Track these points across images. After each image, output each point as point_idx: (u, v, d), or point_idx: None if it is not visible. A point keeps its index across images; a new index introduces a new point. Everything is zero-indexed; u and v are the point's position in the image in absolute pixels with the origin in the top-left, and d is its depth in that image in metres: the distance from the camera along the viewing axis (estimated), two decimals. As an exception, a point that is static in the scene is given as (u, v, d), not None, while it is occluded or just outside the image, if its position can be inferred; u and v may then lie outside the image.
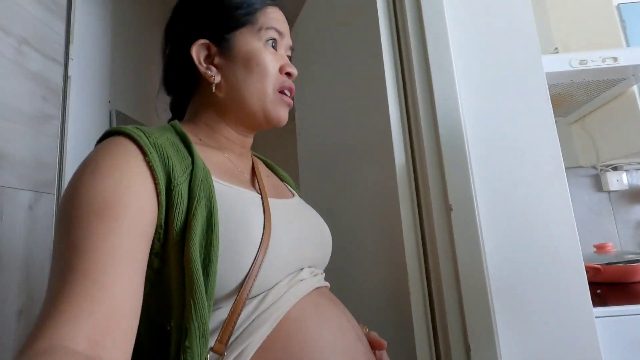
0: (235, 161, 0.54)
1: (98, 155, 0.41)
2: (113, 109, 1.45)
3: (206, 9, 0.53)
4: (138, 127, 0.44)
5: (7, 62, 0.96)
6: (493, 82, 0.79)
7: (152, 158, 0.41)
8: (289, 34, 0.57)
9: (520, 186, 0.75)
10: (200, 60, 0.51)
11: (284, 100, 0.54)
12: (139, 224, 0.37)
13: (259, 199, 0.47)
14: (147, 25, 1.82)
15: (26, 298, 0.97)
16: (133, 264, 0.36)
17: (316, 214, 0.60)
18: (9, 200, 0.94)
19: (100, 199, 0.36)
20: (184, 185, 0.41)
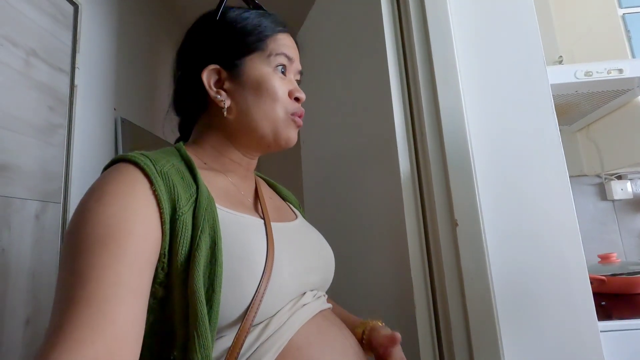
0: (238, 184, 0.54)
1: (104, 182, 0.41)
2: (118, 116, 1.46)
3: (218, 35, 0.53)
4: (144, 153, 0.44)
5: (15, 74, 0.97)
6: (498, 93, 0.79)
7: (158, 187, 0.41)
8: (298, 59, 0.57)
9: (526, 199, 0.75)
10: (210, 85, 0.52)
11: (295, 122, 0.54)
12: (143, 252, 0.37)
13: (261, 224, 0.48)
14: (152, 33, 1.83)
15: (33, 307, 0.98)
16: (136, 293, 0.36)
17: (318, 236, 0.61)
18: (16, 210, 0.95)
19: (105, 226, 0.36)
20: (189, 214, 0.41)
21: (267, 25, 0.53)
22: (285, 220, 0.56)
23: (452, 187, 0.72)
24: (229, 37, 0.52)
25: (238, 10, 0.55)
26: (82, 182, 1.20)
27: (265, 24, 0.53)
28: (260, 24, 0.53)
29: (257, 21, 0.53)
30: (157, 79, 1.84)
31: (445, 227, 0.70)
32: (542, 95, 0.79)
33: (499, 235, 0.72)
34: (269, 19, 0.55)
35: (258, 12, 0.55)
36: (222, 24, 0.54)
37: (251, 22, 0.53)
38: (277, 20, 0.56)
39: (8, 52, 0.95)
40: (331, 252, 0.59)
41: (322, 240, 0.60)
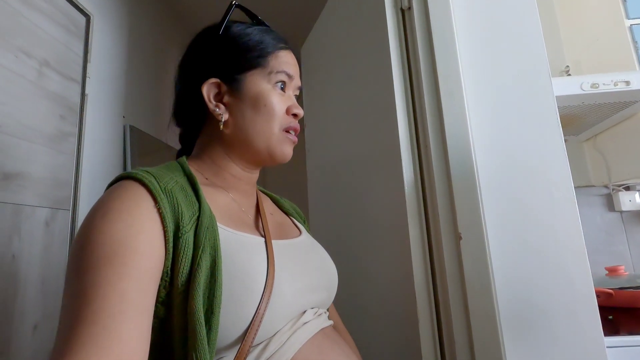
0: (240, 200, 0.55)
1: (109, 199, 0.41)
2: (127, 124, 1.49)
3: (220, 50, 0.54)
4: (148, 170, 0.45)
5: (28, 84, 1.00)
6: (503, 105, 0.79)
7: (163, 205, 0.41)
8: (298, 76, 0.58)
9: (531, 212, 0.74)
10: (210, 98, 0.52)
11: (289, 138, 0.54)
12: (147, 270, 0.38)
13: (262, 243, 0.48)
14: (160, 42, 1.86)
15: (41, 313, 0.99)
16: (141, 310, 0.36)
17: (322, 252, 0.60)
18: (27, 217, 0.97)
19: (110, 244, 0.37)
20: (190, 233, 0.41)
21: (269, 42, 0.54)
22: (288, 237, 0.56)
23: (456, 201, 0.72)
24: (231, 52, 0.53)
25: (241, 26, 0.56)
26: (91, 189, 1.22)
27: (267, 40, 0.54)
28: (263, 41, 0.54)
29: (259, 37, 0.54)
30: (165, 87, 1.87)
31: (449, 241, 0.71)
32: (547, 107, 0.79)
33: (503, 249, 0.72)
34: (271, 36, 0.56)
35: (261, 28, 0.56)
36: (224, 38, 0.54)
37: (254, 38, 0.54)
38: (279, 37, 0.57)
39: (22, 63, 0.98)
40: (334, 269, 0.59)
41: (326, 256, 0.60)
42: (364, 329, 0.90)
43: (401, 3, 0.86)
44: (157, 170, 0.46)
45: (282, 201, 0.69)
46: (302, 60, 1.48)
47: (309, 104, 1.37)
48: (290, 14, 2.06)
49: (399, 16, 0.87)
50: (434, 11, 0.81)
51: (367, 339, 0.86)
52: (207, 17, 2.04)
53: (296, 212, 0.69)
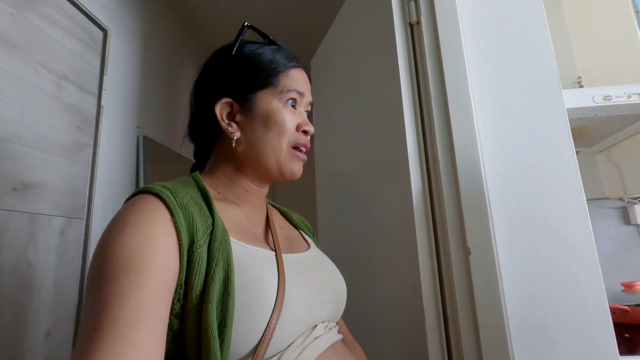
0: (251, 215, 0.56)
1: (126, 212, 0.43)
2: (140, 134, 1.52)
3: (232, 70, 0.56)
4: (165, 185, 0.46)
5: (47, 97, 1.03)
6: (513, 118, 0.78)
7: (178, 219, 0.42)
8: (309, 92, 0.59)
9: (542, 226, 0.73)
10: (222, 117, 0.54)
11: (298, 156, 0.56)
12: (163, 280, 0.39)
13: (272, 256, 0.49)
14: (174, 53, 1.91)
15: (54, 320, 1.01)
16: (157, 319, 0.37)
17: (331, 265, 0.61)
18: (42, 226, 0.99)
19: (127, 255, 0.38)
20: (204, 247, 0.43)
21: (280, 61, 0.55)
22: (297, 251, 0.57)
23: (465, 215, 0.71)
24: (243, 72, 0.55)
25: (253, 46, 0.57)
26: (104, 198, 1.24)
27: (278, 59, 0.56)
28: (274, 60, 0.55)
29: (271, 57, 0.55)
30: (179, 97, 1.91)
31: (458, 256, 0.70)
32: (557, 119, 0.78)
33: (514, 264, 0.71)
34: (283, 55, 0.57)
35: (273, 47, 0.58)
36: (237, 58, 0.56)
37: (265, 57, 0.55)
38: (291, 55, 0.58)
39: (42, 76, 1.01)
40: (343, 282, 0.60)
41: (335, 270, 0.60)
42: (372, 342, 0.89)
43: (410, 17, 0.87)
44: (173, 185, 0.48)
45: (291, 214, 0.70)
46: (312, 71, 1.50)
47: (318, 115, 1.38)
48: (301, 26, 2.09)
49: (407, 30, 0.88)
50: (443, 25, 0.82)
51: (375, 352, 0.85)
52: (220, 29, 2.09)
53: (305, 226, 0.70)
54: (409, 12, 0.87)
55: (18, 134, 0.93)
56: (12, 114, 0.91)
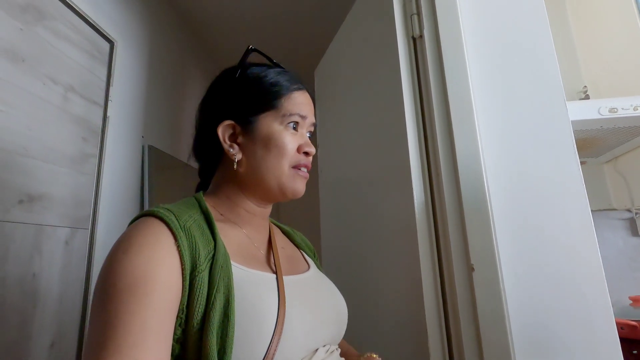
0: (253, 236, 0.56)
1: (130, 234, 0.43)
2: (146, 144, 1.54)
3: (236, 92, 0.56)
4: (168, 208, 0.47)
5: (54, 109, 1.05)
6: (517, 131, 0.78)
7: (182, 243, 0.43)
8: (312, 113, 0.59)
9: (546, 240, 0.73)
10: (225, 139, 0.55)
11: (299, 174, 0.56)
12: (167, 301, 0.40)
13: (273, 280, 0.49)
14: (180, 62, 1.93)
15: (58, 332, 1.02)
16: (161, 339, 0.38)
17: (331, 286, 0.61)
18: (48, 237, 1.00)
19: (132, 276, 0.39)
20: (206, 272, 0.43)
21: (283, 84, 0.56)
22: (297, 272, 0.57)
23: (468, 232, 0.71)
24: (246, 95, 0.56)
25: (257, 69, 0.58)
26: (109, 208, 1.25)
27: (281, 82, 0.56)
28: (277, 83, 0.56)
29: (274, 80, 0.56)
30: (183, 106, 1.92)
31: (461, 273, 0.69)
32: (562, 132, 0.77)
33: (518, 280, 0.70)
34: (286, 77, 0.57)
35: (276, 70, 0.58)
36: (241, 81, 0.57)
37: (268, 81, 0.56)
38: (294, 78, 0.58)
39: (49, 89, 1.03)
40: (344, 303, 0.60)
41: (335, 290, 0.60)
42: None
43: (413, 31, 0.87)
44: (177, 207, 0.48)
45: (294, 234, 0.70)
46: (316, 81, 1.50)
47: (321, 125, 1.39)
48: (305, 37, 2.10)
49: (410, 44, 0.88)
50: (445, 39, 0.82)
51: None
52: (226, 39, 2.11)
53: (307, 246, 0.70)
54: (412, 25, 0.87)
55: (25, 147, 0.94)
56: (19, 127, 0.93)
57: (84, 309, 1.11)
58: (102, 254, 1.18)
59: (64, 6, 1.11)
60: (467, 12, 0.84)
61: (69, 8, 1.12)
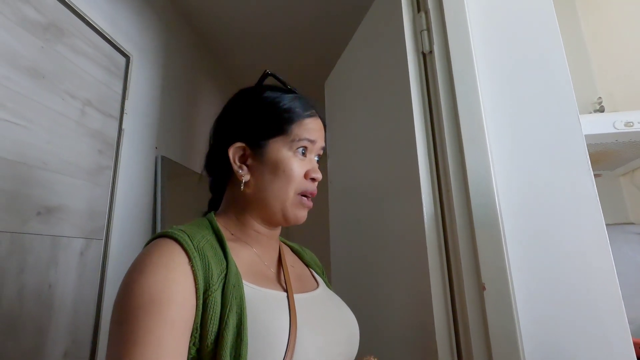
0: (263, 255, 0.57)
1: (146, 255, 0.45)
2: (159, 155, 1.57)
3: (248, 115, 0.58)
4: (182, 229, 0.48)
5: (72, 123, 1.08)
6: (528, 146, 0.77)
7: (196, 263, 0.44)
8: (322, 138, 0.60)
9: (560, 259, 0.71)
10: (234, 160, 0.56)
11: (303, 203, 0.57)
12: (181, 319, 0.41)
13: (284, 298, 0.49)
14: (192, 73, 1.97)
15: (72, 341, 1.04)
16: (176, 355, 0.39)
17: (341, 304, 0.61)
18: (64, 248, 1.03)
19: (147, 294, 0.41)
20: (218, 291, 0.44)
21: (295, 110, 0.57)
22: (307, 290, 0.57)
23: (480, 250, 0.70)
24: (258, 118, 0.57)
25: (272, 94, 0.59)
26: (123, 218, 1.28)
27: (294, 108, 0.57)
28: (289, 109, 0.57)
29: (287, 106, 0.57)
30: (195, 116, 1.96)
31: (471, 291, 0.68)
32: (575, 148, 0.76)
33: (530, 298, 0.69)
34: (299, 103, 0.58)
35: (290, 95, 0.59)
36: (255, 104, 0.58)
37: (281, 106, 0.57)
38: (307, 104, 0.59)
39: (67, 104, 1.06)
40: (355, 321, 0.60)
41: (346, 309, 0.60)
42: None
43: (422, 47, 0.88)
44: (190, 228, 0.50)
45: (303, 252, 0.71)
46: (326, 93, 1.52)
47: (331, 136, 1.40)
48: (315, 49, 2.13)
49: (420, 60, 0.88)
50: (455, 55, 0.82)
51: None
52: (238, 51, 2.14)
53: (315, 264, 0.71)
54: (422, 41, 0.88)
55: (44, 160, 0.97)
56: (39, 142, 0.96)
57: (97, 319, 1.13)
58: (115, 264, 1.20)
59: (83, 23, 1.15)
60: (477, 27, 0.84)
61: (87, 25, 1.16)
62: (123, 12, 1.36)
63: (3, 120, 0.87)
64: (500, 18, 0.85)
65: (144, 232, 1.41)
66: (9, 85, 0.89)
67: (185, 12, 1.85)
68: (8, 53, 0.89)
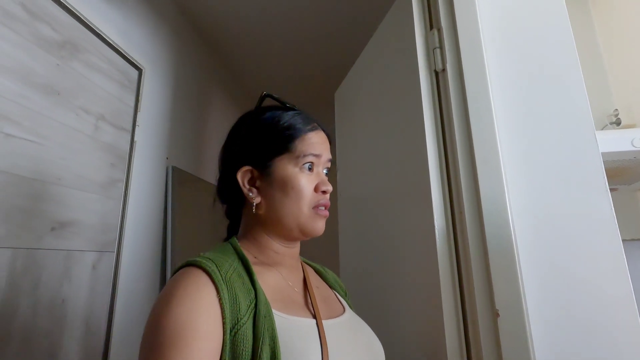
0: (288, 276, 0.57)
1: (173, 285, 0.45)
2: (170, 165, 1.58)
3: (251, 138, 0.59)
4: (210, 257, 0.49)
5: (86, 138, 1.09)
6: (544, 168, 0.75)
7: (223, 296, 0.44)
8: (327, 151, 0.60)
9: (576, 284, 0.69)
10: (244, 183, 0.57)
11: (319, 214, 0.57)
12: (208, 351, 0.41)
13: (314, 326, 0.49)
14: (203, 83, 1.98)
15: (84, 354, 1.05)
16: None
17: (367, 329, 0.60)
18: (76, 262, 1.04)
19: (173, 327, 0.41)
20: (249, 323, 0.44)
21: (297, 127, 0.57)
22: (334, 315, 0.57)
23: (493, 274, 0.69)
24: (261, 140, 0.57)
25: (271, 114, 0.59)
26: (134, 230, 1.29)
27: (295, 124, 0.57)
28: (291, 126, 0.57)
29: (288, 123, 0.57)
30: (206, 125, 1.97)
31: (485, 319, 0.67)
32: (592, 168, 0.74)
33: (546, 327, 0.67)
34: (300, 119, 0.58)
35: (290, 113, 0.59)
36: (256, 126, 0.59)
37: (282, 124, 0.57)
38: (308, 119, 0.60)
39: (81, 119, 1.08)
40: (380, 347, 0.59)
41: (371, 334, 0.60)
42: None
43: (435, 65, 0.87)
44: (217, 256, 0.50)
45: (326, 273, 0.71)
46: (336, 104, 1.51)
47: (341, 147, 1.39)
48: (326, 59, 2.13)
49: (432, 78, 0.87)
50: (469, 73, 0.81)
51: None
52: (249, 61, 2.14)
53: (338, 285, 0.71)
54: (434, 59, 0.87)
55: (58, 176, 0.99)
56: (54, 158, 0.97)
57: (108, 332, 1.14)
58: (126, 275, 1.21)
59: (97, 39, 1.16)
60: (491, 44, 0.83)
61: (101, 40, 1.18)
62: (136, 26, 1.38)
63: (19, 139, 0.88)
64: (513, 34, 0.84)
65: (154, 243, 1.42)
66: (25, 103, 0.90)
67: (196, 23, 1.87)
68: (25, 71, 0.91)
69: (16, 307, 0.85)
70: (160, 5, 1.57)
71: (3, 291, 0.82)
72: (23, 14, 0.91)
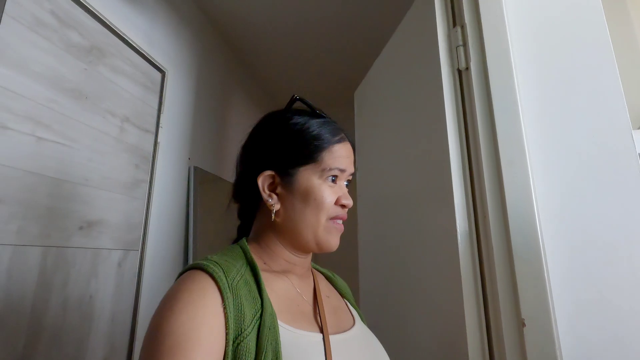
0: (297, 284, 0.56)
1: (177, 289, 0.44)
2: (192, 165, 1.61)
3: (277, 143, 0.57)
4: (217, 262, 0.47)
5: (112, 140, 1.13)
6: (575, 170, 0.71)
7: (228, 305, 0.43)
8: (352, 165, 0.59)
9: (610, 296, 0.65)
10: (264, 188, 0.55)
11: (336, 228, 0.56)
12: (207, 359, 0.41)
13: (320, 342, 0.48)
14: (224, 83, 2.01)
15: (110, 348, 1.09)
16: None
17: (376, 344, 0.59)
18: (103, 260, 1.08)
19: (175, 335, 0.40)
20: (252, 335, 0.43)
21: (325, 137, 0.55)
22: (343, 329, 0.56)
23: (519, 281, 0.66)
24: (287, 147, 0.56)
25: (300, 119, 0.57)
26: (158, 228, 1.33)
27: (323, 135, 0.56)
28: (318, 136, 0.55)
29: (316, 132, 0.55)
30: (227, 125, 2.00)
31: (510, 329, 0.64)
32: (628, 169, 0.70)
33: (577, 340, 0.64)
34: (329, 129, 0.57)
35: (319, 120, 0.57)
36: (283, 131, 0.57)
37: (310, 133, 0.55)
38: (336, 129, 0.58)
39: (108, 122, 1.11)
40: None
41: (380, 349, 0.58)
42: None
43: (458, 63, 0.84)
44: (225, 260, 0.49)
45: (336, 279, 0.69)
46: (355, 103, 1.50)
47: (360, 147, 1.38)
48: (345, 59, 2.11)
49: (455, 77, 0.84)
50: (494, 71, 0.78)
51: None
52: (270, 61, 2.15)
53: (348, 294, 0.69)
54: (458, 57, 0.84)
55: (86, 177, 1.02)
56: (81, 160, 1.01)
57: (133, 327, 1.18)
58: (150, 273, 1.25)
59: (122, 43, 1.20)
60: (517, 39, 0.79)
61: (126, 44, 1.21)
62: (159, 29, 1.41)
63: (50, 142, 0.92)
64: (543, 30, 0.79)
65: (177, 241, 1.46)
66: (56, 107, 0.94)
67: (218, 25, 1.90)
68: (55, 77, 0.95)
69: (47, 303, 0.89)
70: (183, 8, 1.60)
71: (35, 288, 0.86)
72: (53, 21, 0.95)
